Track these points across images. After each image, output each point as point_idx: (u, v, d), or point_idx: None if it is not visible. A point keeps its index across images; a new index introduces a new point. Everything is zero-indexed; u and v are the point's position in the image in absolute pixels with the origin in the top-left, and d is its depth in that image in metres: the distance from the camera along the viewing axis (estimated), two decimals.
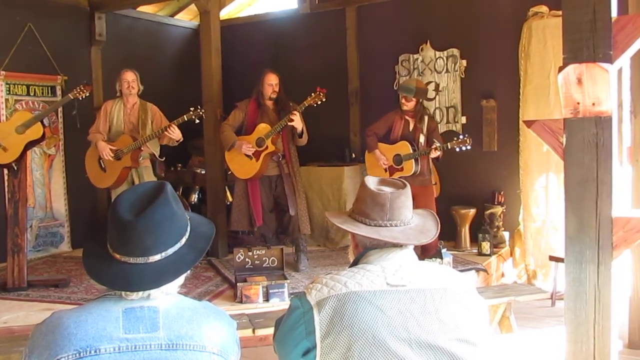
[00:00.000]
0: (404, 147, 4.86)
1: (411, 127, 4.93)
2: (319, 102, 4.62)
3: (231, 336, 1.41)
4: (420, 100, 4.95)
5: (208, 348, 1.32)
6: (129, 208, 1.33)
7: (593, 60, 1.83)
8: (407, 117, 4.94)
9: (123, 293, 1.33)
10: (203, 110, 4.75)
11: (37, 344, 1.29)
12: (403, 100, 4.87)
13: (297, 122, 4.62)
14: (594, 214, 1.89)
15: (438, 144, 4.74)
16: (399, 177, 4.74)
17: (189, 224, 1.41)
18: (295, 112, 4.59)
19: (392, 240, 1.52)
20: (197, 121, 4.78)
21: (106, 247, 1.37)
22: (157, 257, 1.33)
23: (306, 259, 4.94)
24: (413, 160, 4.81)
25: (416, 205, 1.65)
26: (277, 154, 4.81)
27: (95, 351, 1.25)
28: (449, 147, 4.74)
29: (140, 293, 1.33)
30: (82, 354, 1.25)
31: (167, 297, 1.37)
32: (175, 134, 4.69)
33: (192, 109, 4.70)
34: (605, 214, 1.88)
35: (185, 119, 4.69)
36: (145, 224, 1.31)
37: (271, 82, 4.80)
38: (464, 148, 4.73)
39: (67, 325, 1.28)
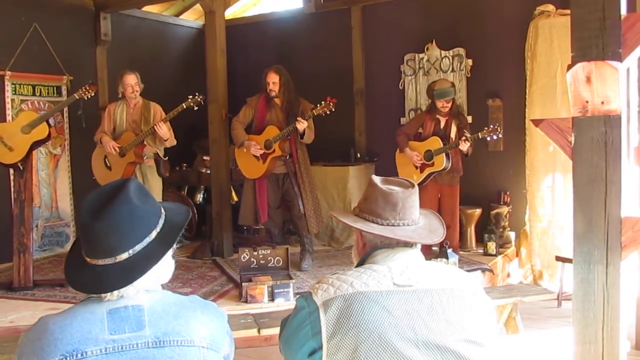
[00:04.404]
0: (435, 142, 4.87)
1: (442, 125, 4.95)
2: (328, 112, 4.63)
3: (220, 328, 1.39)
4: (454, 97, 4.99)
5: (196, 342, 1.31)
6: (87, 210, 1.32)
7: (602, 59, 1.81)
8: (438, 116, 4.95)
9: (102, 295, 1.32)
10: (201, 97, 4.76)
11: (24, 351, 1.29)
12: (443, 104, 4.87)
13: (301, 127, 4.64)
14: (602, 214, 1.87)
15: (467, 135, 4.74)
16: (431, 173, 4.78)
17: (162, 217, 1.38)
18: (301, 120, 4.59)
19: (408, 240, 1.51)
20: (196, 108, 4.79)
21: (81, 252, 1.37)
22: (124, 256, 1.31)
23: (311, 259, 4.95)
24: (444, 154, 4.81)
25: (443, 205, 1.64)
26: (284, 156, 4.82)
27: (82, 354, 1.24)
28: (480, 137, 4.74)
29: (115, 293, 1.31)
30: (68, 358, 1.24)
31: (151, 294, 1.35)
32: (161, 131, 4.69)
33: (190, 96, 4.71)
34: (614, 214, 1.86)
35: (184, 107, 4.71)
36: (104, 225, 1.29)
37: (268, 80, 4.81)
38: (495, 137, 4.74)
39: (53, 331, 1.27)
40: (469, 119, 5.80)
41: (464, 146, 4.69)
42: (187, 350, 1.30)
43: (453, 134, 4.92)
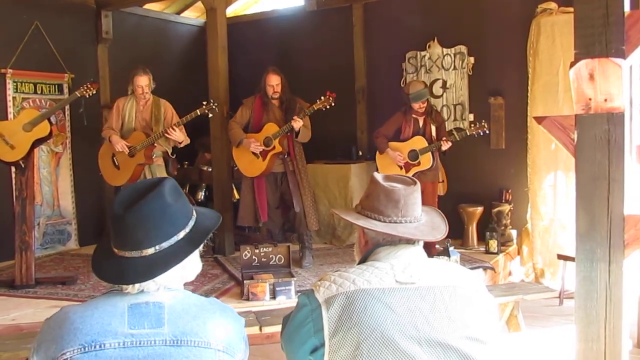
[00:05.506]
0: (420, 142, 4.92)
1: (421, 123, 4.99)
2: (328, 106, 4.67)
3: (238, 333, 1.40)
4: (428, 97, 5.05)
5: (213, 345, 1.32)
6: (120, 202, 1.35)
7: (605, 56, 1.80)
8: (414, 116, 4.97)
9: (122, 287, 1.35)
10: (216, 104, 4.74)
11: (45, 338, 1.31)
12: (420, 105, 4.90)
13: (297, 126, 4.68)
14: (605, 211, 1.87)
15: (455, 133, 4.86)
16: (417, 172, 4.84)
17: (193, 218, 1.41)
18: (297, 118, 4.63)
19: (411, 237, 1.50)
20: (210, 115, 4.78)
21: (110, 244, 1.40)
22: (150, 251, 1.34)
23: (311, 256, 4.96)
24: (429, 153, 4.87)
25: (424, 202, 1.64)
26: (283, 153, 4.83)
27: (100, 346, 1.26)
28: (468, 134, 4.85)
29: (137, 286, 1.34)
30: (87, 348, 1.26)
31: (172, 292, 1.37)
32: (174, 135, 4.65)
33: (204, 103, 4.70)
34: (617, 212, 1.86)
35: (198, 113, 4.68)
36: (134, 218, 1.32)
37: (272, 83, 4.83)
38: (482, 133, 4.85)
39: (73, 320, 1.30)
40: (471, 117, 5.80)
41: (446, 146, 4.80)
42: (204, 351, 1.31)
43: (434, 132, 5.00)
